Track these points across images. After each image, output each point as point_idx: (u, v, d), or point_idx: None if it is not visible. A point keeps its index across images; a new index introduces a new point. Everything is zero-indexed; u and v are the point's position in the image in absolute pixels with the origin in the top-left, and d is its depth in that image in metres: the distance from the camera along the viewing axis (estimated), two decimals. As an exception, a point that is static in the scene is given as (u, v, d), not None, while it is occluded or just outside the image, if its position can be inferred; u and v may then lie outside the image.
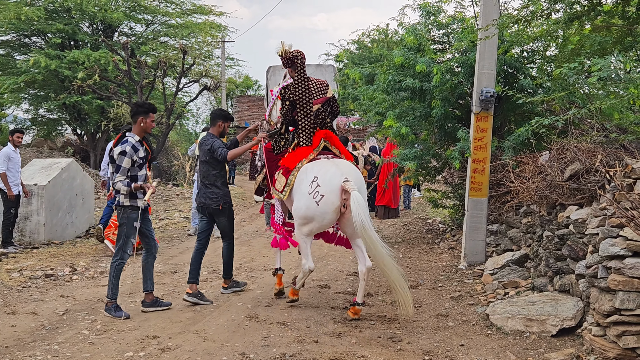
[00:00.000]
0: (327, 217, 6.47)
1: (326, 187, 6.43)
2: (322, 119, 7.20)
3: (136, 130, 6.73)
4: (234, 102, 41.30)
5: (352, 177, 6.49)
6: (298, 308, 6.92)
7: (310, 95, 7.13)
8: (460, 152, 8.79)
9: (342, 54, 26.31)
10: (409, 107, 10.56)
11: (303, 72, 7.18)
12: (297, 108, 7.08)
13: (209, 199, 7.45)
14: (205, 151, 7.46)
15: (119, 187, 6.56)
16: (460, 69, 9.70)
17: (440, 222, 13.49)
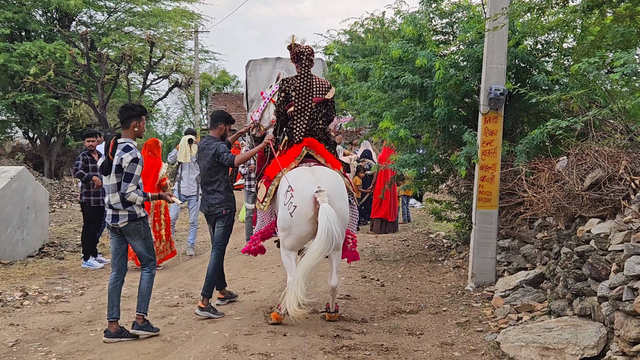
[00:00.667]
0: (303, 228, 6.99)
1: (298, 197, 6.96)
2: (314, 119, 7.82)
3: (130, 135, 6.93)
4: (208, 100, 41.28)
5: (326, 185, 6.97)
6: (282, 337, 6.90)
7: (311, 91, 7.80)
8: (467, 157, 8.81)
9: (332, 45, 26.36)
10: (408, 107, 10.58)
11: (307, 69, 7.92)
12: (295, 102, 7.72)
13: (212, 205, 7.92)
14: (208, 156, 7.87)
15: (133, 198, 6.76)
16: (466, 63, 9.74)
17: (444, 237, 13.52)
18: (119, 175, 6.76)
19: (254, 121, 8.80)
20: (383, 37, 21.94)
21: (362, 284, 9.62)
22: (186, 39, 30.41)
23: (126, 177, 6.74)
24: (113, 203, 6.83)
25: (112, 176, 6.80)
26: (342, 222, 7.10)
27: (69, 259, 11.54)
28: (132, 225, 6.87)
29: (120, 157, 6.76)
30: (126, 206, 6.82)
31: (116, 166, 6.77)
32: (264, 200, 7.53)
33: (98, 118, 23.01)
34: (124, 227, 6.88)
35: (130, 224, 6.87)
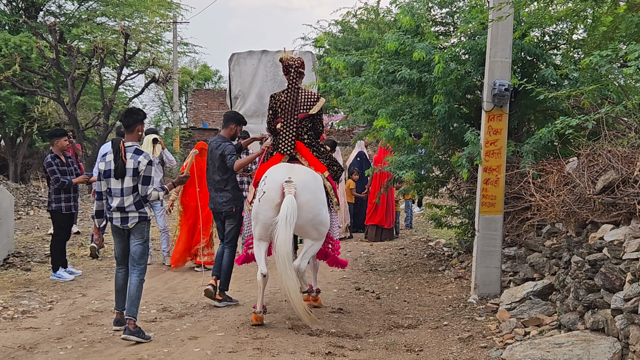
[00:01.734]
0: (268, 214, 7.79)
1: (269, 184, 7.91)
2: (299, 134, 8.61)
3: (135, 139, 7.77)
4: (188, 97, 41.18)
5: (296, 177, 7.85)
6: (270, 355, 6.89)
7: (297, 107, 8.57)
8: (469, 158, 8.83)
9: (323, 37, 26.44)
10: (405, 104, 10.59)
11: (294, 82, 8.64)
12: (281, 118, 8.57)
13: (219, 204, 9.01)
14: (216, 155, 8.94)
15: (155, 196, 7.67)
16: (468, 56, 9.76)
17: (445, 245, 13.54)
18: (135, 178, 7.54)
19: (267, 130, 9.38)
20: (378, 29, 21.98)
21: (356, 297, 9.61)
22: (164, 30, 30.34)
23: (145, 180, 7.58)
24: (126, 205, 7.55)
25: (128, 179, 7.53)
26: (310, 215, 7.87)
27: (36, 271, 11.48)
28: (140, 225, 7.64)
29: (136, 161, 7.52)
30: (139, 208, 7.59)
31: (133, 169, 7.53)
32: (252, 202, 8.27)
33: (68, 117, 22.92)
34: (133, 227, 7.62)
35: (139, 224, 7.63)
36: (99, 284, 10.55)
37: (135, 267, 7.65)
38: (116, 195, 7.56)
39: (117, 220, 7.62)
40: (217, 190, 9.03)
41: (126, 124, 7.75)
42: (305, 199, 7.80)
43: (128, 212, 7.55)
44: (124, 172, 7.51)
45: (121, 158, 7.52)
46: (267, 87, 18.60)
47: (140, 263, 7.67)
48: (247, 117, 18.24)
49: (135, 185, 7.55)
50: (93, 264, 12.25)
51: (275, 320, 8.17)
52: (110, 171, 7.57)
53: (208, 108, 39.51)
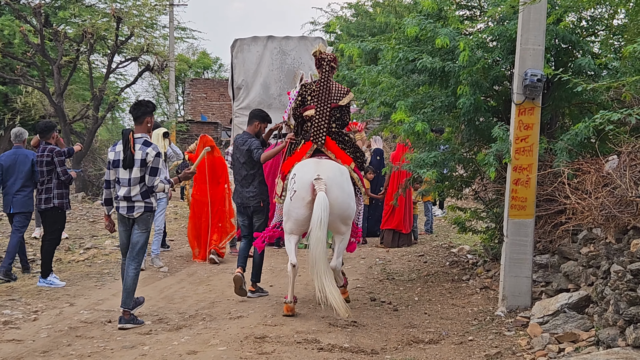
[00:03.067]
0: (300, 212, 8.94)
1: (299, 183, 8.95)
2: (329, 123, 9.64)
3: (144, 130, 8.75)
4: (185, 87, 41.31)
5: (325, 174, 8.86)
6: (277, 371, 6.89)
7: (330, 96, 9.66)
8: (497, 156, 8.81)
9: (334, 22, 26.45)
10: (426, 96, 10.57)
11: (327, 74, 9.77)
12: (313, 105, 9.64)
13: (247, 198, 10.19)
14: (243, 151, 10.15)
15: (161, 188, 8.67)
16: (497, 43, 9.73)
17: (469, 251, 13.52)
18: (142, 169, 8.54)
19: (283, 120, 10.89)
20: (395, 12, 22.00)
21: (372, 308, 9.60)
22: (159, 13, 30.43)
23: (152, 171, 8.57)
24: (133, 195, 8.57)
25: (136, 169, 8.53)
26: (339, 210, 8.91)
27: (19, 277, 11.52)
28: (145, 215, 8.66)
29: (145, 152, 8.52)
30: (145, 198, 8.61)
31: (141, 160, 8.52)
32: (282, 195, 9.57)
33: (54, 108, 23.05)
34: (138, 216, 8.63)
35: (144, 214, 8.65)
36: (87, 293, 10.57)
37: (134, 258, 8.68)
38: (124, 185, 8.59)
39: (123, 209, 8.63)
40: (243, 185, 10.22)
41: (135, 115, 8.75)
42: (334, 195, 8.80)
43: (134, 202, 8.58)
44: (132, 163, 8.51)
45: (130, 149, 8.50)
46: (273, 77, 18.58)
47: (139, 254, 8.70)
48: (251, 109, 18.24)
49: (142, 176, 8.56)
50: (81, 270, 12.29)
51: (283, 333, 8.16)
52: (119, 161, 8.58)
53: (207, 99, 39.63)
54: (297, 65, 18.86)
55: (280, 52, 18.86)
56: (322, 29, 28.96)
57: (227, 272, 12.28)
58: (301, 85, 10.11)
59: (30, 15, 23.06)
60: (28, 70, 23.47)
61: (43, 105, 24.90)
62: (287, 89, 18.72)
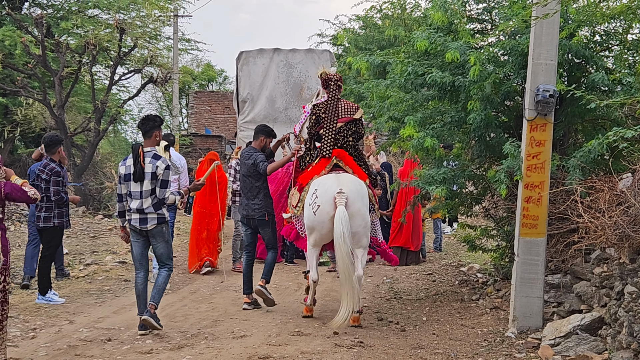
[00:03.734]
0: (325, 226, 9.53)
1: (322, 198, 9.56)
2: (343, 137, 10.31)
3: (153, 144, 9.25)
4: (189, 99, 41.37)
5: (347, 188, 9.52)
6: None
7: (337, 114, 10.30)
8: (508, 173, 8.80)
9: (342, 35, 26.50)
10: (435, 111, 10.59)
11: (335, 94, 10.43)
12: (323, 124, 10.29)
13: (253, 210, 10.72)
14: (248, 165, 10.73)
15: (172, 200, 9.22)
16: (508, 57, 9.74)
17: (479, 270, 13.50)
18: (153, 181, 9.04)
19: (295, 132, 11.60)
20: (404, 25, 22.02)
21: (378, 328, 9.59)
22: (163, 24, 30.51)
23: (162, 184, 9.09)
24: (145, 207, 9.07)
25: (147, 182, 9.04)
26: (361, 222, 9.62)
27: (17, 294, 11.54)
28: (159, 227, 9.17)
29: (155, 165, 9.04)
30: (157, 209, 9.12)
31: (151, 173, 9.03)
32: (297, 205, 10.19)
33: (55, 120, 23.07)
34: (152, 229, 9.13)
35: (158, 226, 9.15)
36: (87, 310, 10.58)
37: (164, 265, 9.39)
38: (135, 198, 9.10)
39: (135, 221, 9.13)
40: (249, 198, 10.77)
41: (144, 130, 9.25)
42: (357, 207, 9.52)
43: (147, 214, 9.10)
44: (142, 176, 9.02)
45: (140, 162, 8.99)
46: (280, 90, 18.64)
47: (168, 261, 9.39)
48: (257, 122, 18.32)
49: (153, 189, 9.06)
50: (81, 287, 12.31)
51: (287, 354, 8.14)
52: (130, 175, 9.08)
53: (212, 112, 39.67)
54: (303, 79, 18.93)
55: (287, 65, 18.93)
56: (330, 41, 29.03)
57: (231, 289, 12.29)
58: (313, 105, 10.66)
59: (31, 25, 23.14)
60: (29, 82, 23.53)
61: (44, 118, 24.91)
62: (293, 103, 18.81)
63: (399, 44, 18.76)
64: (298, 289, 12.25)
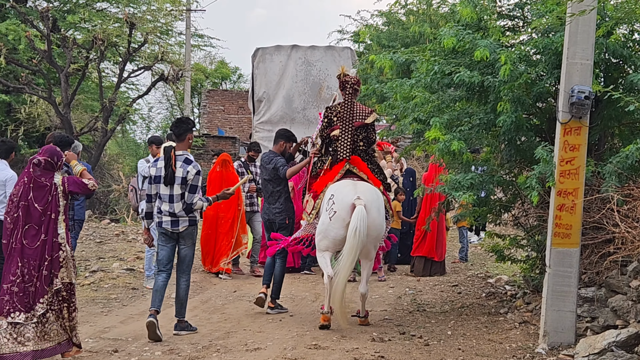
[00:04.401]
0: (338, 232, 9.97)
1: (339, 205, 9.99)
2: (355, 141, 10.73)
3: (185, 147, 9.70)
4: (202, 98, 41.42)
5: (365, 197, 9.96)
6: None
7: (353, 116, 10.77)
8: (540, 179, 8.77)
9: (364, 31, 26.53)
10: (463, 112, 10.57)
11: (351, 97, 10.88)
12: (338, 125, 10.74)
13: (274, 214, 11.38)
14: (269, 170, 11.35)
15: (200, 205, 9.60)
16: (541, 56, 9.73)
17: (508, 282, 13.46)
18: (183, 186, 9.45)
19: (311, 139, 11.83)
20: (430, 22, 22.02)
21: (400, 342, 9.58)
22: (175, 19, 30.65)
23: (192, 189, 9.49)
24: (177, 211, 9.49)
25: (177, 187, 9.44)
26: (375, 232, 10.11)
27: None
28: (190, 229, 9.65)
29: (186, 170, 9.43)
30: (188, 213, 9.54)
31: (182, 178, 9.43)
32: (311, 213, 10.65)
33: (60, 119, 23.17)
34: (183, 231, 9.59)
35: (189, 228, 9.62)
36: (93, 319, 10.62)
37: (184, 271, 9.75)
38: (165, 200, 9.51)
39: (167, 223, 9.56)
40: (270, 202, 11.44)
41: (177, 133, 9.68)
42: (373, 217, 9.94)
43: (179, 217, 9.52)
44: (173, 180, 9.42)
45: (171, 166, 9.39)
46: (297, 89, 18.64)
47: (188, 267, 9.80)
48: (273, 123, 18.40)
49: (183, 193, 9.46)
50: (86, 295, 12.35)
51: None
52: (160, 177, 9.48)
53: (225, 112, 39.72)
54: (323, 77, 18.91)
55: (305, 63, 18.95)
56: (351, 38, 29.09)
57: (244, 300, 12.31)
58: (326, 107, 11.22)
59: (37, 19, 23.27)
60: (33, 79, 23.65)
61: (49, 116, 25.04)
62: (311, 103, 18.82)
63: (424, 41, 18.78)
64: (315, 300, 12.25)
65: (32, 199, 8.09)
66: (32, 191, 8.10)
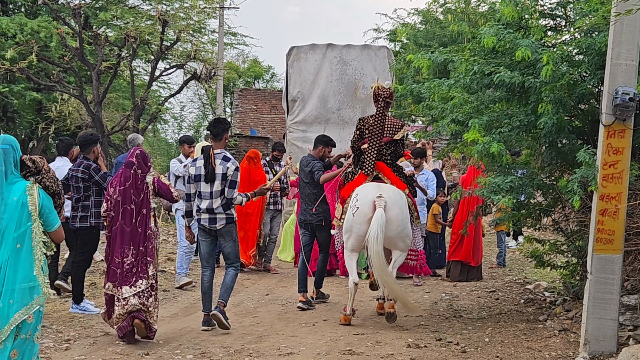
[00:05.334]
0: (362, 227, 10.51)
1: (361, 201, 10.63)
2: (383, 155, 11.41)
3: (222, 146, 10.38)
4: (234, 98, 41.56)
5: (386, 194, 10.61)
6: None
7: (382, 131, 11.35)
8: (581, 183, 8.72)
9: (401, 30, 26.41)
10: (502, 113, 10.53)
11: (382, 109, 11.43)
12: (367, 140, 11.33)
13: (311, 215, 12.22)
14: (306, 172, 12.25)
15: (239, 200, 10.22)
16: (583, 57, 9.67)
17: (547, 289, 13.39)
18: (223, 182, 10.10)
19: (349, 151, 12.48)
20: (469, 20, 21.94)
21: (436, 349, 9.56)
22: (208, 17, 30.71)
23: (231, 184, 10.13)
24: (215, 207, 10.13)
25: (217, 183, 10.09)
26: (399, 228, 10.66)
27: (50, 302, 11.65)
28: (227, 227, 10.20)
29: (225, 167, 10.10)
30: (226, 210, 10.15)
31: (222, 174, 10.09)
32: (341, 218, 11.20)
33: (91, 118, 23.28)
34: (220, 228, 10.18)
35: (226, 225, 10.19)
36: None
37: (232, 264, 10.40)
38: (205, 198, 10.15)
39: (205, 220, 10.20)
40: (307, 203, 12.27)
41: (214, 133, 10.31)
42: (394, 213, 10.53)
43: (216, 214, 10.14)
44: (213, 177, 10.08)
45: (211, 164, 10.05)
46: (332, 89, 18.66)
47: (235, 261, 10.41)
48: (307, 124, 18.47)
49: (223, 189, 10.11)
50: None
51: None
52: (201, 176, 10.14)
53: (258, 112, 39.83)
54: (358, 77, 18.93)
55: (341, 62, 18.97)
56: (387, 36, 29.00)
57: (277, 303, 12.36)
58: (359, 119, 11.86)
59: (69, 16, 23.45)
60: (64, 76, 23.79)
61: (79, 115, 25.18)
62: (347, 103, 18.87)
63: (462, 40, 18.71)
64: (349, 304, 12.25)
65: (128, 197, 9.52)
66: (130, 189, 9.55)
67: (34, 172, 6.75)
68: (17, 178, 6.67)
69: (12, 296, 6.43)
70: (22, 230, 6.55)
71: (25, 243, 6.58)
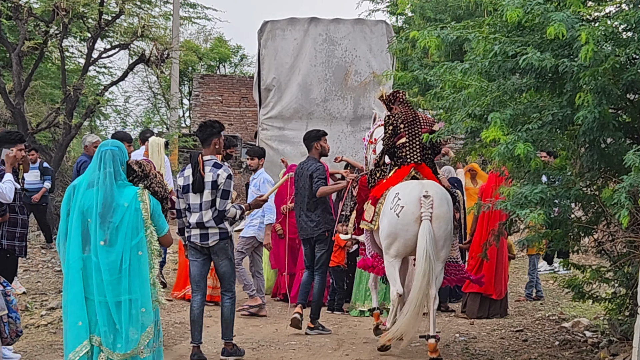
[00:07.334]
0: (410, 228, 11.03)
1: (406, 199, 11.12)
2: (424, 148, 12.06)
3: (212, 152, 10.96)
4: (193, 86, 41.53)
5: (432, 191, 11.14)
6: None
7: (418, 123, 12.15)
8: (630, 193, 8.73)
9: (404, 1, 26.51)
10: (531, 106, 10.54)
11: (407, 107, 12.38)
12: (404, 133, 12.07)
13: (310, 228, 12.92)
14: (305, 177, 12.90)
15: (233, 213, 10.76)
16: (633, 34, 9.70)
17: (588, 327, 13.42)
18: (214, 191, 10.65)
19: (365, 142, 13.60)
20: (490, -13, 22.02)
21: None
22: (160, -17, 30.70)
23: (224, 194, 10.67)
24: (205, 221, 10.68)
25: (207, 192, 10.64)
26: (446, 227, 11.31)
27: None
28: (221, 243, 10.77)
29: (216, 174, 10.64)
30: (219, 223, 10.69)
31: (211, 182, 10.63)
32: (372, 219, 11.70)
33: (10, 112, 23.20)
34: (213, 245, 10.76)
35: (220, 242, 10.76)
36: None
37: (227, 289, 10.98)
38: (195, 211, 10.75)
39: (195, 237, 10.82)
40: (306, 214, 13.02)
41: (202, 138, 11.02)
42: (443, 210, 11.23)
43: (208, 228, 10.72)
44: (202, 186, 10.66)
45: (199, 171, 10.61)
46: (317, 75, 18.54)
47: (230, 284, 11.00)
48: (285, 119, 18.46)
49: (214, 199, 10.69)
50: (42, 339, 12.38)
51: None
52: (189, 186, 10.76)
53: (223, 104, 39.85)
54: (350, 60, 18.77)
55: (327, 41, 18.86)
56: (386, 8, 29.12)
57: (246, 346, 12.33)
58: (388, 115, 12.38)
59: (-18, -16, 23.41)
60: (-23, 60, 23.80)
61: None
62: (335, 92, 18.68)
63: (481, 13, 18.75)
64: (338, 348, 12.22)
65: None
66: None
67: (141, 177, 7.96)
68: (126, 183, 7.78)
69: (145, 304, 7.70)
70: (139, 237, 7.70)
71: (144, 250, 7.74)
